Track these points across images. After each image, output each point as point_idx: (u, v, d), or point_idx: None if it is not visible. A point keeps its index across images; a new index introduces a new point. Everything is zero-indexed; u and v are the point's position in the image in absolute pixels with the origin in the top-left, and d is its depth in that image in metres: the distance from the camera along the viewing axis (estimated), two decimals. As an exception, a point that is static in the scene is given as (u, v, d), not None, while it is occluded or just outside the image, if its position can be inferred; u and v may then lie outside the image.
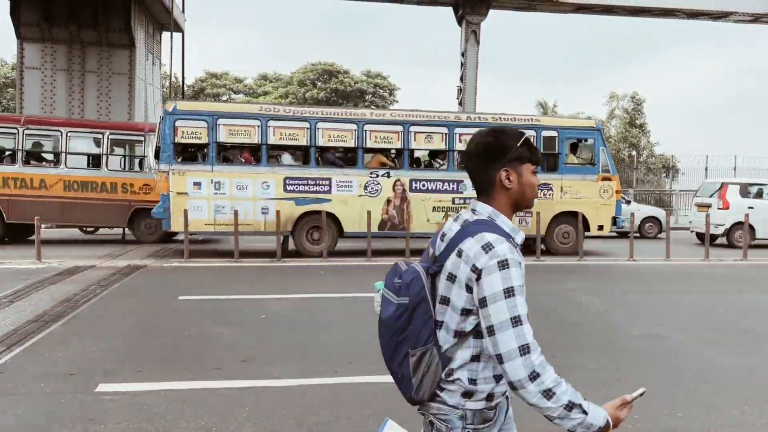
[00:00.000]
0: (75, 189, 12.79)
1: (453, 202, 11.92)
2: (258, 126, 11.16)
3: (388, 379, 4.83)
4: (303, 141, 11.43)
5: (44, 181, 12.74)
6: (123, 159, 13.87)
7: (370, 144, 11.69)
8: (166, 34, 25.88)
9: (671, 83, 63.38)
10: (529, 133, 11.90)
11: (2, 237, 12.85)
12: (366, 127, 11.55)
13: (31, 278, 8.46)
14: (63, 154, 12.96)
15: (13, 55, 27.70)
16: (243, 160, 11.47)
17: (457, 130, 11.82)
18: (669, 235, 12.15)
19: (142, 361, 4.79)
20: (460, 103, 21.20)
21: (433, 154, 12.72)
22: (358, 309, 7.03)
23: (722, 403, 4.06)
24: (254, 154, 11.44)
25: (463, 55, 21.01)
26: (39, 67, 21.95)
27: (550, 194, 12.25)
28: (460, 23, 21.21)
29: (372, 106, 39.09)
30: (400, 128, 11.69)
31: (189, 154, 11.49)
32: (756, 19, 22.06)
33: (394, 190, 11.70)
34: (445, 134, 11.86)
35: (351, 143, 11.60)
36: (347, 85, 38.23)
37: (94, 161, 13.42)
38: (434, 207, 11.79)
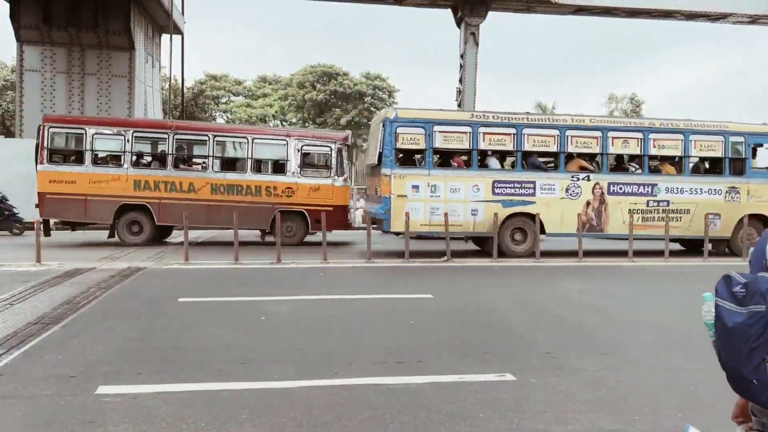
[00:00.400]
0: (221, 192, 13.30)
1: (647, 205, 12.36)
2: (469, 132, 11.78)
3: (388, 380, 4.83)
4: (510, 146, 12.07)
5: (193, 184, 13.25)
6: (266, 162, 14.25)
7: (570, 149, 12.23)
8: (165, 37, 25.91)
9: (670, 84, 63.51)
10: (717, 139, 12.65)
11: (152, 239, 13.27)
12: (567, 132, 12.07)
13: (31, 281, 8.46)
14: (210, 158, 13.42)
15: (13, 58, 27.73)
16: (455, 165, 12.13)
17: (651, 136, 12.35)
18: (668, 236, 12.17)
19: (142, 363, 4.79)
20: (459, 105, 21.21)
21: (621, 157, 13.24)
22: (358, 311, 7.04)
23: (722, 404, 4.06)
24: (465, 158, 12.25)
25: (462, 56, 21.03)
26: (39, 69, 21.97)
27: (737, 197, 12.70)
28: (459, 25, 21.23)
29: (371, 108, 39.12)
30: (599, 134, 12.21)
31: (407, 159, 12.23)
32: (754, 20, 22.10)
33: (593, 192, 12.17)
34: (641, 140, 12.38)
35: (553, 148, 12.14)
36: (347, 87, 38.24)
37: (240, 165, 13.91)
38: (630, 209, 12.24)
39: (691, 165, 13.05)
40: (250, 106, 40.04)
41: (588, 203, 12.13)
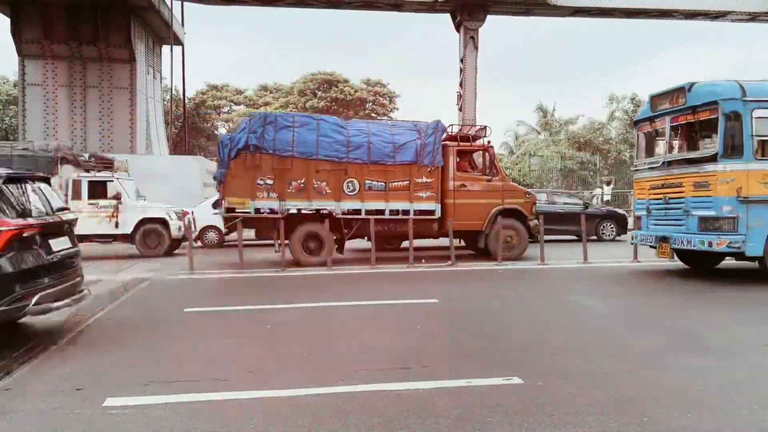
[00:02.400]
0: None
1: None
2: None
3: (395, 386, 4.82)
4: None
5: None
6: None
7: None
8: (166, 48, 26.04)
9: (670, 83, 63.32)
10: None
11: None
12: None
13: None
14: None
15: (15, 73, 27.90)
16: None
17: None
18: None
19: (149, 375, 4.79)
20: (460, 109, 21.25)
21: None
22: (363, 317, 7.03)
23: (731, 404, 4.04)
24: None
25: (462, 60, 21.09)
26: (41, 83, 22.11)
27: None
28: (458, 29, 21.30)
29: (372, 114, 39.21)
30: None
31: None
32: (753, 17, 22.10)
33: None
34: None
35: None
36: (347, 94, 38.36)
37: None
38: None
39: None
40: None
41: None
